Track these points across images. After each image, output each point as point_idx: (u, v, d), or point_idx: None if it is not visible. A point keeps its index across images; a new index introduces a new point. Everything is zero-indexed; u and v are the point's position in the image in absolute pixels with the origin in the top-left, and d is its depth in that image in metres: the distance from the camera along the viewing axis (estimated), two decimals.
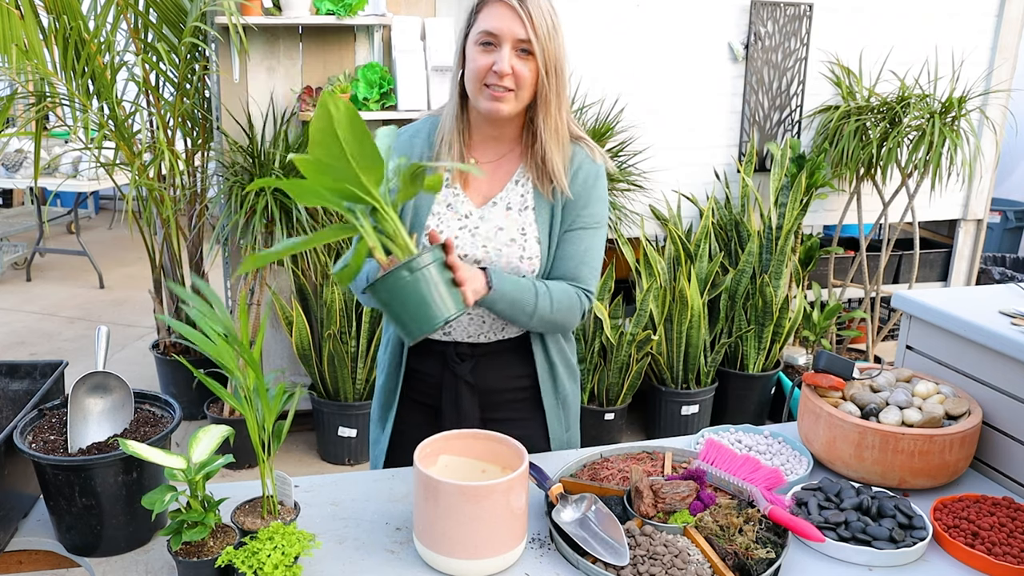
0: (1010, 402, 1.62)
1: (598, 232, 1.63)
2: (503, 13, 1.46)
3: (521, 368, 1.68)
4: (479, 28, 1.48)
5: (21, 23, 3.10)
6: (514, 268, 1.57)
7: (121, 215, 5.25)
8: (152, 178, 3.54)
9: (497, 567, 1.31)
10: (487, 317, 1.61)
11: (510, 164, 1.61)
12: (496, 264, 1.57)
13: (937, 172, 3.68)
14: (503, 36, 1.46)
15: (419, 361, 1.68)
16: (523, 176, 1.60)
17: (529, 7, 1.45)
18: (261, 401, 1.29)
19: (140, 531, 1.37)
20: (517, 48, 1.47)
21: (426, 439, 1.39)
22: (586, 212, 1.61)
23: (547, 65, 1.48)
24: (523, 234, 1.58)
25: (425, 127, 1.65)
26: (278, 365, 3.66)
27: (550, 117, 1.53)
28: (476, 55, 1.48)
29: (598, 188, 1.62)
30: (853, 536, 1.39)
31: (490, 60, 1.47)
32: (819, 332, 3.79)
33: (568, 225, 1.60)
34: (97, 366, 1.47)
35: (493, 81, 1.47)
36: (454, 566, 1.29)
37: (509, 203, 1.59)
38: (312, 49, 3.41)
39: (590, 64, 3.63)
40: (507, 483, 1.27)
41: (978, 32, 4.09)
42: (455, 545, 1.28)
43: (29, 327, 5.08)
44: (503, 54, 1.46)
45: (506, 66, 1.46)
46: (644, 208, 3.83)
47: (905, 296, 1.87)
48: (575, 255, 1.60)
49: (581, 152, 1.61)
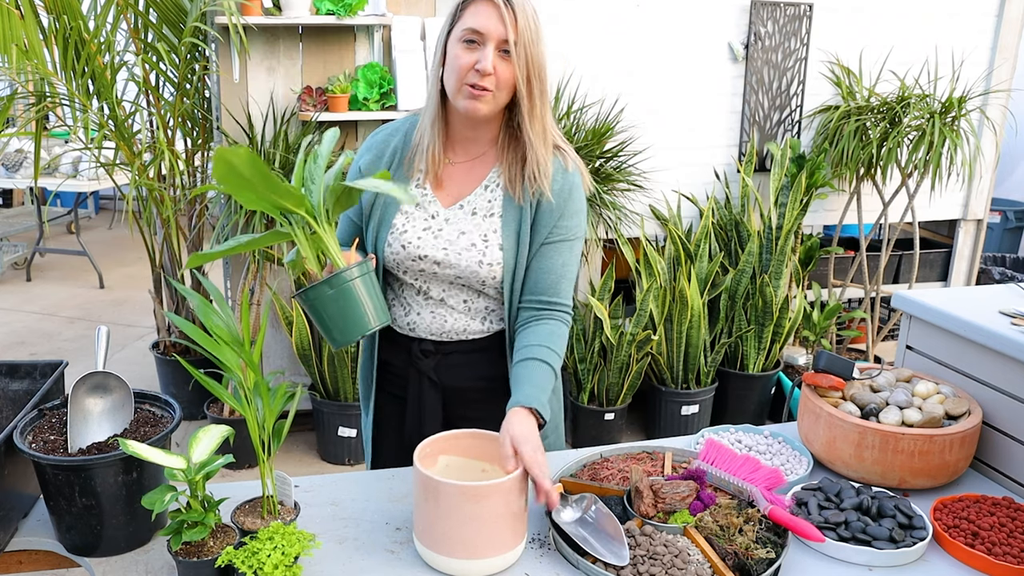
0: (1010, 402, 1.62)
1: (575, 245, 1.62)
2: (489, 12, 1.45)
3: (489, 369, 1.66)
4: (464, 25, 1.47)
5: (21, 23, 3.10)
6: (473, 273, 1.57)
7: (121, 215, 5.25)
8: (152, 178, 3.54)
9: (497, 567, 1.31)
10: (449, 316, 1.62)
11: (483, 167, 1.61)
12: (456, 266, 1.57)
13: (937, 172, 3.68)
14: (488, 35, 1.45)
15: (389, 353, 1.70)
16: (494, 181, 1.59)
17: (515, 8, 1.45)
18: (262, 401, 1.29)
19: (140, 531, 1.37)
20: (500, 48, 1.46)
21: (426, 439, 1.39)
22: (563, 223, 1.58)
23: (530, 68, 1.47)
24: (485, 240, 1.57)
25: (404, 126, 1.65)
26: (278, 365, 3.66)
27: (536, 119, 1.52)
28: (459, 52, 1.47)
29: (574, 199, 1.59)
30: (853, 536, 1.39)
31: (473, 58, 1.46)
32: (819, 332, 3.79)
33: (545, 237, 1.58)
34: (97, 366, 1.47)
35: (474, 80, 1.46)
36: (454, 566, 1.29)
37: (475, 208, 1.59)
38: (312, 49, 3.41)
39: (590, 64, 3.63)
40: (507, 483, 1.27)
41: (978, 32, 4.09)
42: (455, 545, 1.28)
43: (29, 327, 5.08)
44: (487, 53, 1.45)
45: (489, 65, 1.45)
46: (644, 208, 3.83)
47: (905, 296, 1.87)
48: (554, 269, 1.59)
49: (556, 162, 1.59)
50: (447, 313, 1.62)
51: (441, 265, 1.57)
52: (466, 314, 1.63)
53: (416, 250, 1.57)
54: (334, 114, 3.32)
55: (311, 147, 1.25)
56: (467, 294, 1.62)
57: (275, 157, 3.26)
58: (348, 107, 3.34)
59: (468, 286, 1.60)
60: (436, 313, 1.62)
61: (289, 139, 3.36)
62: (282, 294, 3.54)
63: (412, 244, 1.57)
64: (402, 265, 1.59)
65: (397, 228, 1.59)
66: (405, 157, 1.61)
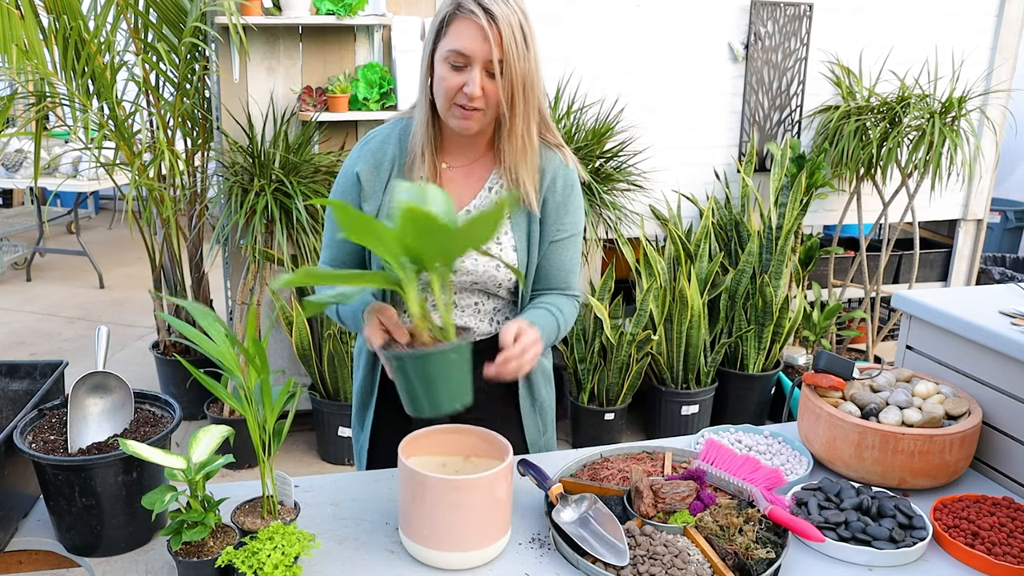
0: (1010, 402, 1.62)
1: (579, 238, 1.65)
2: (473, 33, 1.41)
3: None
4: (448, 46, 1.43)
5: (21, 23, 3.10)
6: (491, 277, 1.57)
7: (121, 215, 5.25)
8: (152, 178, 3.54)
9: (482, 559, 1.33)
10: (458, 320, 1.61)
11: (483, 170, 1.60)
12: (473, 272, 1.57)
13: (937, 172, 3.68)
14: (473, 58, 1.41)
15: None
16: (496, 183, 1.59)
17: (500, 26, 1.39)
18: (263, 401, 1.29)
19: (140, 531, 1.37)
20: (487, 68, 1.43)
21: (410, 433, 1.39)
22: (568, 220, 1.60)
23: (514, 86, 1.44)
24: (498, 243, 1.57)
25: (395, 131, 1.61)
26: (278, 365, 3.66)
27: (515, 138, 1.49)
28: (445, 73, 1.44)
29: (575, 195, 1.61)
30: (853, 536, 1.39)
31: (460, 80, 1.43)
32: (819, 332, 3.79)
33: (553, 236, 1.60)
34: (97, 366, 1.47)
35: (463, 102, 1.44)
36: (440, 558, 1.31)
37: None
38: (312, 49, 3.41)
39: (590, 64, 3.63)
40: (491, 476, 1.28)
41: (978, 32, 4.09)
42: (440, 538, 1.29)
43: (29, 327, 5.08)
44: (474, 76, 1.42)
45: (477, 89, 1.42)
46: (644, 208, 3.83)
47: (905, 296, 1.86)
48: (563, 265, 1.63)
49: (556, 158, 1.59)
50: (456, 317, 1.62)
51: (458, 272, 1.56)
52: (475, 316, 1.63)
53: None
54: (334, 114, 3.32)
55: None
56: (478, 297, 1.62)
57: (275, 157, 3.26)
58: (348, 107, 3.34)
59: (482, 289, 1.60)
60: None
61: (289, 139, 3.36)
62: (282, 294, 3.54)
63: None
64: None
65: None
66: (404, 165, 1.58)
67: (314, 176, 3.33)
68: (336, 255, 1.62)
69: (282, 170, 3.24)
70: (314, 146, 3.43)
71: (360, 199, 1.57)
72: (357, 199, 1.58)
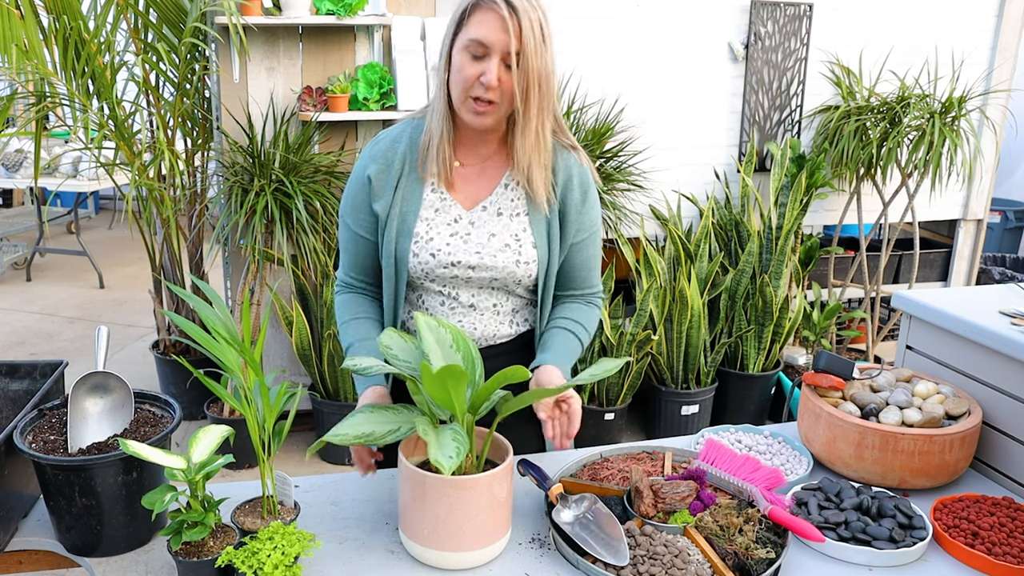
0: (1010, 402, 1.62)
1: (598, 235, 1.67)
2: (494, 24, 1.42)
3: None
4: (468, 35, 1.44)
5: (21, 23, 3.10)
6: (511, 273, 1.56)
7: (121, 215, 5.25)
8: (152, 178, 3.54)
9: (482, 559, 1.33)
10: (478, 323, 1.61)
11: (497, 167, 1.60)
12: (493, 268, 1.56)
13: (937, 172, 3.68)
14: (492, 47, 1.42)
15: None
16: (512, 180, 1.59)
17: (520, 18, 1.41)
18: (262, 401, 1.29)
19: (140, 531, 1.38)
20: (504, 59, 1.44)
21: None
22: (587, 219, 1.61)
23: (529, 80, 1.44)
24: (517, 240, 1.57)
25: (407, 129, 1.61)
26: (278, 365, 3.66)
27: (529, 133, 1.50)
28: (463, 63, 1.45)
29: (592, 193, 1.63)
30: (853, 536, 1.39)
31: (478, 70, 1.44)
32: (819, 332, 3.79)
33: (574, 236, 1.61)
34: (97, 366, 1.47)
35: (479, 93, 1.44)
36: (439, 558, 1.31)
37: (500, 208, 1.58)
38: (312, 49, 3.41)
39: (590, 64, 3.63)
40: (491, 476, 1.28)
41: (978, 32, 4.09)
42: (440, 538, 1.29)
43: (29, 327, 5.08)
44: (491, 65, 1.43)
45: (493, 78, 1.43)
46: (644, 208, 3.83)
47: (905, 296, 1.87)
48: (585, 264, 1.65)
49: (572, 158, 1.60)
50: (476, 319, 1.61)
51: (476, 269, 1.56)
52: (495, 318, 1.62)
53: (447, 257, 1.55)
54: (334, 114, 3.32)
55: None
56: (497, 297, 1.61)
57: (275, 157, 3.26)
58: (348, 107, 3.34)
59: (501, 288, 1.60)
60: (464, 321, 1.60)
61: (289, 139, 3.36)
62: (282, 294, 3.54)
63: (442, 251, 1.54)
64: (431, 274, 1.56)
65: (421, 236, 1.55)
66: (417, 161, 1.57)
67: (314, 176, 3.33)
68: (355, 259, 1.64)
69: (282, 170, 3.24)
70: (314, 146, 3.43)
71: (371, 199, 1.57)
72: (367, 200, 1.58)
